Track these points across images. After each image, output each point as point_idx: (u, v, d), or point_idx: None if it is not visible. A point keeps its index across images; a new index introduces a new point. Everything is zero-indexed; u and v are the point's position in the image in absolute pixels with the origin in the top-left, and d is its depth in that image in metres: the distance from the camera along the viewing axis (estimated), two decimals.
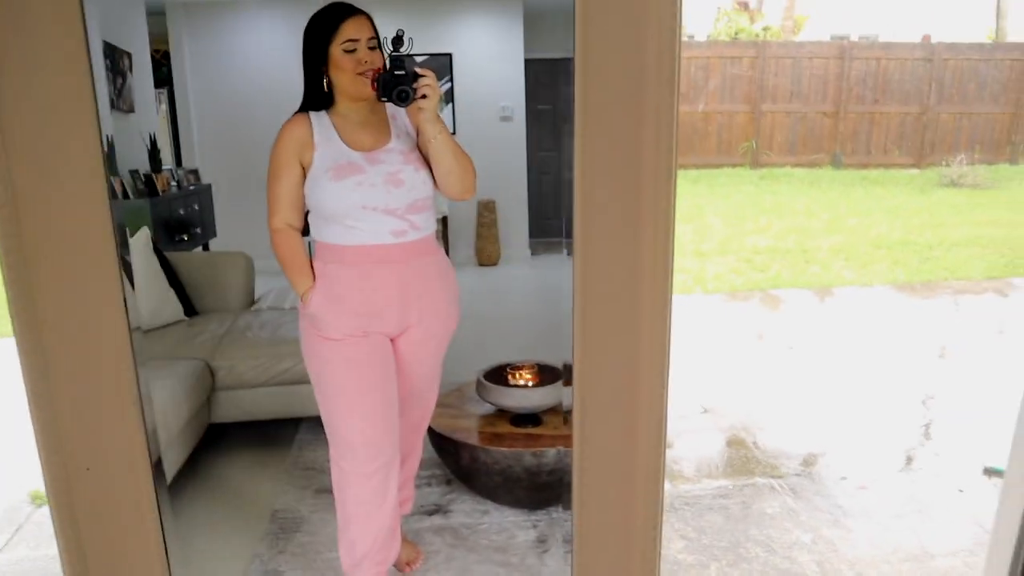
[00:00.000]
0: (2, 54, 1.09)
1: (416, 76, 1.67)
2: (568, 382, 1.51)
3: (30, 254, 1.12)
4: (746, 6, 15.58)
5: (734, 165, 12.06)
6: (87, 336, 1.17)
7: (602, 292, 1.37)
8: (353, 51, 1.75)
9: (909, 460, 3.02)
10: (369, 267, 1.82)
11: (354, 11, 1.77)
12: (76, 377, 1.18)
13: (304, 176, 1.80)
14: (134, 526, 1.25)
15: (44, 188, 1.13)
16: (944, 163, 11.49)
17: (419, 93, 1.68)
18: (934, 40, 12.48)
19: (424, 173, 1.83)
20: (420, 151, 1.85)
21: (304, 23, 1.79)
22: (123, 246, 1.17)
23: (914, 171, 11.86)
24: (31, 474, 2.93)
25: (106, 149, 1.12)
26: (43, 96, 1.12)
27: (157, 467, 1.27)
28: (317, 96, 1.83)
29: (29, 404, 1.17)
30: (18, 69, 1.10)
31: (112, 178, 1.21)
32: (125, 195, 3.85)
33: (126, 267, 1.22)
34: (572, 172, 1.34)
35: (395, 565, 2.22)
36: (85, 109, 1.11)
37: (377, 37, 1.78)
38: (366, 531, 1.92)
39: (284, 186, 1.80)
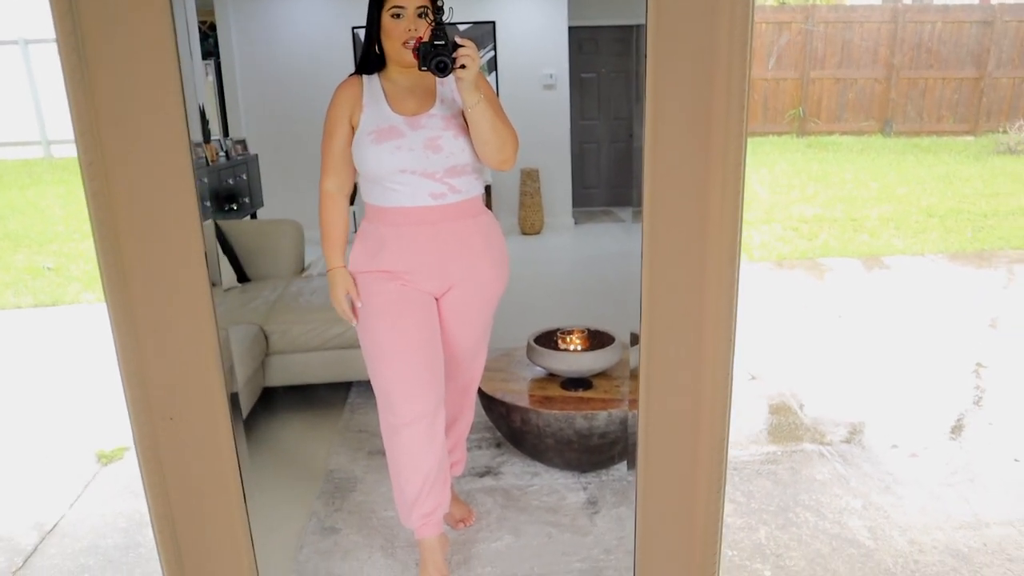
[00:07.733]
0: (92, 28, 1.14)
1: (456, 46, 1.67)
2: (635, 342, 1.52)
3: (117, 211, 1.16)
4: None
5: (780, 133, 11.83)
6: (171, 289, 1.22)
7: (670, 253, 1.37)
8: (399, 16, 1.77)
9: (961, 429, 2.98)
10: (407, 228, 1.85)
11: None
12: (160, 328, 1.23)
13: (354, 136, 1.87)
14: (214, 471, 1.30)
15: (130, 147, 1.17)
16: (1001, 130, 11.14)
17: (458, 63, 1.67)
18: (994, 1, 12.01)
19: (463, 140, 1.84)
20: (463, 118, 1.86)
21: None
22: (202, 203, 1.21)
23: (969, 138, 11.51)
24: (96, 435, 3.05)
25: (187, 113, 1.16)
26: (129, 60, 1.17)
27: (235, 415, 1.32)
28: (370, 60, 1.88)
29: (117, 356, 1.22)
30: (107, 39, 1.15)
31: None
32: None
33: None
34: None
35: (448, 523, 2.27)
36: (170, 76, 1.15)
37: (428, 5, 1.79)
38: (413, 477, 1.96)
39: (336, 144, 1.87)
